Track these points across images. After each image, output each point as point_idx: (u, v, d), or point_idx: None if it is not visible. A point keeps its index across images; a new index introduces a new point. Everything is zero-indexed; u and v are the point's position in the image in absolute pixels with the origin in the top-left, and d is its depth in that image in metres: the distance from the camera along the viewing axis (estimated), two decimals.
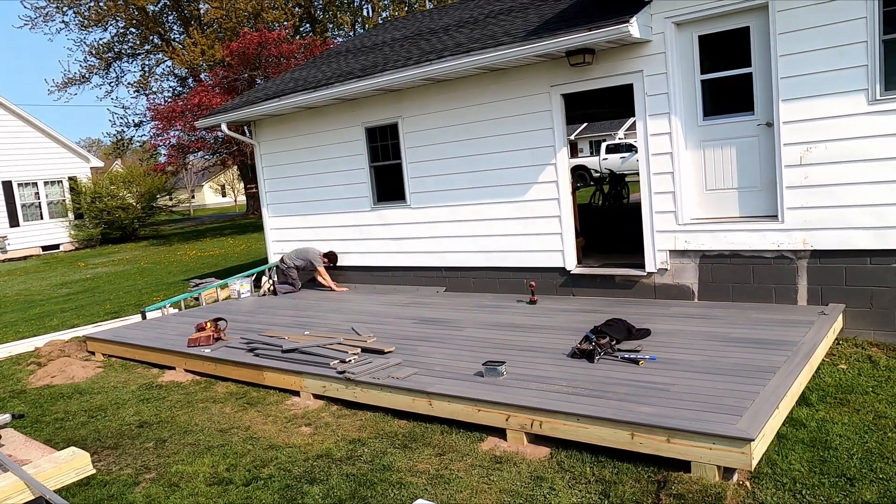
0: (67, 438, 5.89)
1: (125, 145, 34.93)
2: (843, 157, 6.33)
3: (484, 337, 6.77)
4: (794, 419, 4.79)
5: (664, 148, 7.33)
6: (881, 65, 6.06)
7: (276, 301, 10.17)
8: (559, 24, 7.59)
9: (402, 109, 9.58)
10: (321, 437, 5.38)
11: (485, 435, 5.03)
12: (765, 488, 3.97)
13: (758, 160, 6.97)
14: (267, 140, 11.51)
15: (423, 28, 11.26)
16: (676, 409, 4.42)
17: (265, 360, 6.72)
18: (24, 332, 11.01)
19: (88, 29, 32.08)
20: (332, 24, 33.68)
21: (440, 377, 5.60)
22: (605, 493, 4.09)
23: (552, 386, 5.10)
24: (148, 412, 6.41)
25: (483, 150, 8.80)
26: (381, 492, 4.38)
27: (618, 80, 7.53)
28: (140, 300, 12.86)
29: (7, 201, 25.59)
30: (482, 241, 9.03)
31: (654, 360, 5.46)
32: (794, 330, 5.90)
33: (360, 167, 10.27)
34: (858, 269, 6.41)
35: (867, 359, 5.92)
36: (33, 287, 16.89)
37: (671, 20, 7.09)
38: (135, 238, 28.19)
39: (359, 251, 10.53)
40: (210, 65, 28.24)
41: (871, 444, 4.38)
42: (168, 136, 24.89)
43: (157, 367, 7.92)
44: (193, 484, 4.77)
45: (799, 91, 6.47)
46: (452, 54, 8.26)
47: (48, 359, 8.58)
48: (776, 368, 5.00)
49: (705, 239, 7.22)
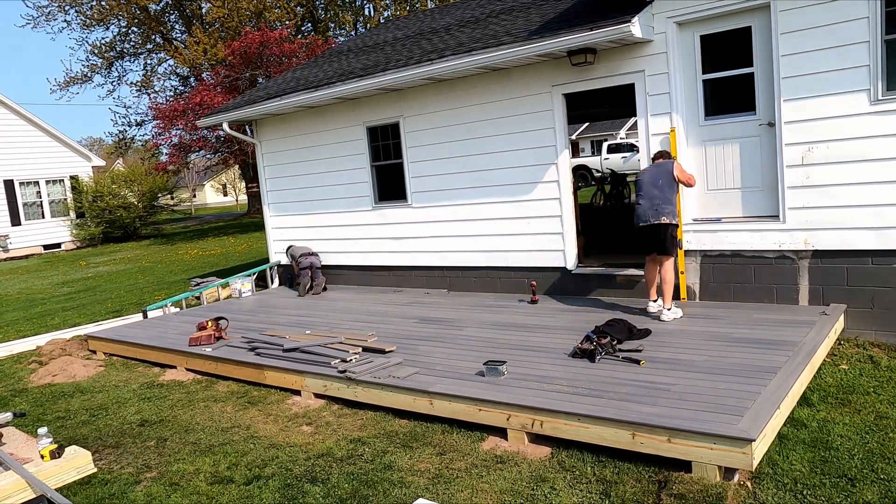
0: (69, 437, 5.89)
1: (127, 144, 34.94)
2: (844, 158, 6.33)
3: (485, 336, 6.77)
4: (796, 419, 4.79)
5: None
6: (883, 65, 6.05)
7: (277, 300, 10.18)
8: (561, 24, 7.59)
9: (403, 109, 9.57)
10: (322, 436, 5.38)
11: (486, 434, 5.03)
12: (766, 488, 3.97)
13: (759, 160, 6.97)
14: (268, 139, 11.52)
15: (424, 27, 11.26)
16: (677, 409, 4.42)
17: (266, 359, 6.73)
18: (26, 330, 11.03)
19: (90, 28, 32.08)
20: (334, 23, 33.68)
21: (441, 377, 5.60)
22: (605, 493, 4.09)
23: (553, 386, 5.10)
24: (149, 411, 6.42)
25: (484, 150, 8.80)
26: (382, 491, 4.38)
27: (619, 80, 7.53)
28: (141, 299, 12.87)
29: (9, 200, 25.64)
30: (483, 241, 9.03)
31: (656, 361, 5.45)
32: (796, 330, 5.90)
33: (361, 166, 10.27)
34: (860, 269, 6.40)
35: (868, 359, 5.91)
36: (35, 286, 16.90)
37: (673, 20, 7.09)
38: (136, 237, 28.22)
39: (360, 250, 10.54)
40: (212, 64, 28.25)
41: (872, 445, 4.37)
42: (170, 136, 24.91)
43: (158, 365, 7.93)
44: (194, 483, 4.77)
45: (801, 91, 6.47)
46: (454, 54, 8.26)
47: (49, 357, 8.60)
48: (777, 368, 4.99)
49: (706, 239, 7.21)
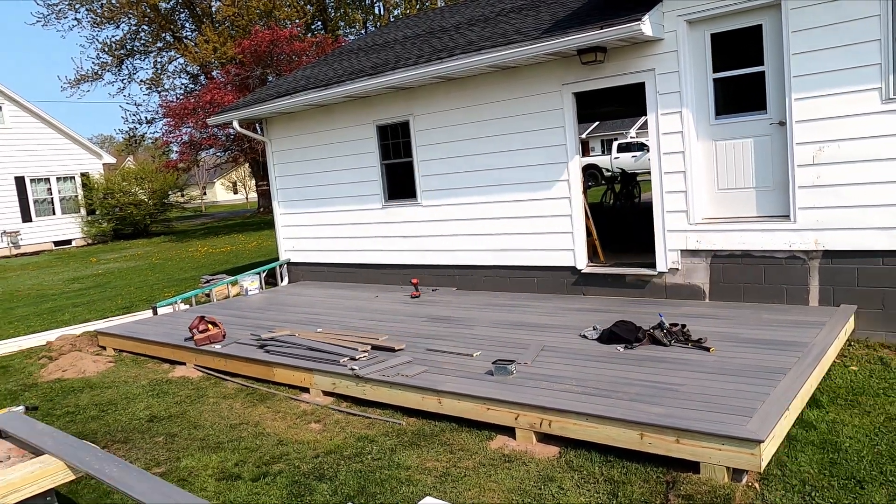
0: (78, 432, 5.93)
1: (137, 142, 35.12)
2: (855, 157, 6.28)
3: (494, 335, 6.77)
4: (805, 421, 4.76)
5: (676, 147, 7.30)
6: (895, 63, 6.00)
7: (287, 298, 10.20)
8: (571, 22, 7.57)
9: (413, 107, 9.58)
10: (330, 433, 5.40)
11: (494, 434, 5.03)
12: (774, 490, 3.95)
13: (770, 159, 6.93)
14: (278, 137, 11.55)
15: (434, 26, 11.25)
16: (686, 410, 4.40)
17: (275, 356, 6.75)
18: (36, 326, 11.11)
19: (101, 26, 32.24)
20: (344, 21, 33.72)
21: (450, 375, 5.61)
22: (613, 493, 4.08)
23: (562, 385, 5.10)
24: (158, 407, 6.45)
25: (494, 149, 8.79)
26: (390, 489, 4.39)
27: (630, 79, 7.50)
28: (151, 296, 12.93)
29: (20, 196, 25.82)
30: (493, 240, 9.03)
31: (664, 361, 5.44)
32: (806, 331, 5.87)
33: (371, 165, 10.28)
34: (871, 269, 6.36)
35: (878, 360, 5.87)
36: (45, 282, 17.02)
37: (683, 18, 7.05)
38: (147, 234, 28.37)
39: (370, 248, 10.55)
40: (222, 62, 28.36)
41: (881, 447, 4.34)
42: (180, 133, 25.04)
43: (167, 362, 7.97)
44: (202, 479, 4.79)
45: (812, 90, 6.42)
46: (464, 52, 8.25)
47: (59, 353, 8.65)
48: (787, 369, 4.97)
49: (717, 238, 7.18)
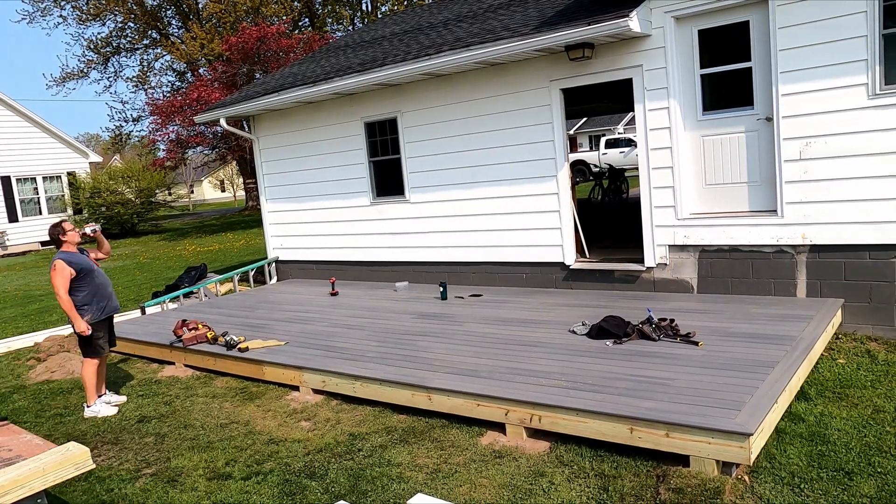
0: (67, 433, 5.89)
1: (124, 140, 34.84)
2: (842, 152, 6.33)
3: (484, 332, 6.77)
4: (793, 413, 4.80)
5: (664, 143, 7.32)
6: (881, 59, 6.05)
7: (276, 296, 10.17)
8: (559, 19, 7.58)
9: (401, 104, 9.56)
10: (321, 431, 5.39)
11: (484, 429, 5.04)
12: (763, 482, 3.98)
13: (757, 155, 6.97)
14: (266, 135, 11.50)
15: (422, 22, 11.23)
16: (675, 404, 4.42)
17: (265, 354, 6.72)
18: (24, 327, 11.01)
19: (86, 23, 31.91)
20: (332, 18, 33.58)
21: (440, 372, 5.61)
22: (604, 488, 4.10)
23: (552, 381, 5.11)
24: (147, 407, 6.42)
25: (482, 145, 8.79)
26: (381, 486, 4.39)
27: (617, 75, 7.52)
28: (139, 295, 12.85)
29: (6, 196, 25.57)
30: (481, 236, 9.03)
31: (654, 356, 5.47)
32: (793, 324, 5.91)
33: (359, 162, 10.26)
34: (858, 263, 6.41)
35: (866, 353, 5.92)
36: (32, 282, 16.87)
37: (671, 14, 7.07)
38: (134, 233, 28.16)
39: (358, 245, 10.53)
40: (209, 59, 28.17)
41: (869, 438, 4.39)
42: (167, 131, 24.83)
43: (156, 361, 7.93)
44: (193, 478, 4.78)
45: (799, 85, 6.46)
46: (452, 49, 8.24)
47: (48, 354, 8.59)
48: (775, 363, 5.00)
49: (705, 233, 7.22)
